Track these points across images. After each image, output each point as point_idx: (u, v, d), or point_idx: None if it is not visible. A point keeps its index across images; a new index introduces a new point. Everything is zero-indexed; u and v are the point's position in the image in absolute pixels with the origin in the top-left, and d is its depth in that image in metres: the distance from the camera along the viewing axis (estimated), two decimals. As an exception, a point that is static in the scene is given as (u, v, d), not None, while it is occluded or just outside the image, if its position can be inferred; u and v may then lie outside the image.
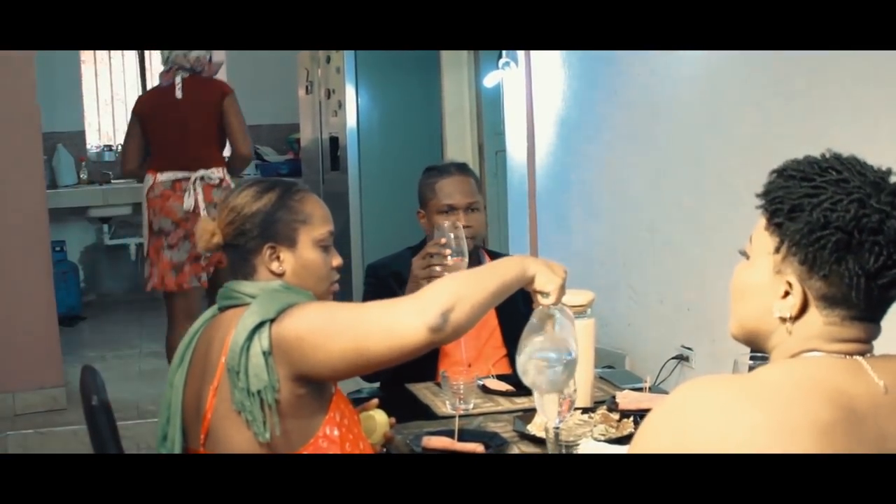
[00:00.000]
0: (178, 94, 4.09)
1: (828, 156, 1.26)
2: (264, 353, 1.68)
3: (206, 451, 1.79)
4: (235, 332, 1.71)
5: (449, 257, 2.38)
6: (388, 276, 2.75)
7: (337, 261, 1.93)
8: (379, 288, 2.71)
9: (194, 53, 4.09)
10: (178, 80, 4.10)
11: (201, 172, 4.08)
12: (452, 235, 2.39)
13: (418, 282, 2.47)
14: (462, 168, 2.86)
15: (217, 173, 4.14)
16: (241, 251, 1.86)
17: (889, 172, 1.25)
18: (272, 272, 1.85)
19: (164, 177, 4.09)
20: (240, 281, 1.86)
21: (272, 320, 1.70)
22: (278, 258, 1.85)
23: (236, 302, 1.83)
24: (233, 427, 1.73)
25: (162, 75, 4.22)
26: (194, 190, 4.03)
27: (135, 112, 4.28)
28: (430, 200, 2.76)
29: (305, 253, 1.86)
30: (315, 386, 1.74)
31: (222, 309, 1.86)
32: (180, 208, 4.06)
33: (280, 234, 1.85)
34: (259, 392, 1.69)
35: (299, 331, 1.68)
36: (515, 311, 2.69)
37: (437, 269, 2.43)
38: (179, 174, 4.09)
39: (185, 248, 4.05)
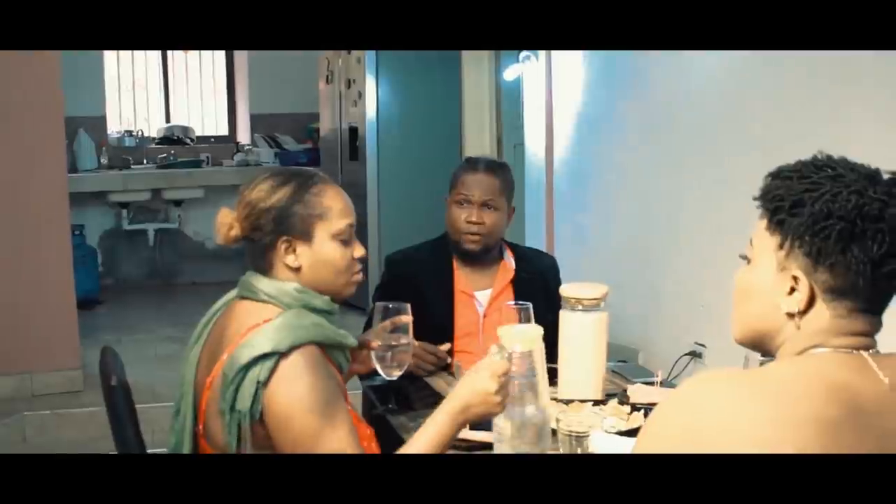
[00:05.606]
0: None
1: (819, 156, 1.29)
2: (258, 383, 1.69)
3: (203, 437, 1.81)
4: (243, 344, 1.72)
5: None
6: (407, 278, 2.72)
7: (359, 252, 1.90)
8: (395, 288, 2.68)
9: None
10: None
11: None
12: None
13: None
14: (492, 166, 2.81)
15: None
16: (257, 245, 1.84)
17: (878, 170, 1.27)
18: (288, 266, 1.83)
19: None
20: (258, 276, 1.85)
21: (281, 354, 1.69)
22: (294, 252, 1.83)
23: (253, 296, 1.83)
24: (217, 425, 1.75)
25: None
26: None
27: None
28: (453, 189, 2.79)
29: (322, 247, 1.84)
30: None
31: (241, 297, 1.87)
32: None
33: (295, 228, 1.82)
34: (239, 412, 1.70)
35: (289, 412, 1.69)
36: (535, 312, 2.70)
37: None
38: None
39: None
